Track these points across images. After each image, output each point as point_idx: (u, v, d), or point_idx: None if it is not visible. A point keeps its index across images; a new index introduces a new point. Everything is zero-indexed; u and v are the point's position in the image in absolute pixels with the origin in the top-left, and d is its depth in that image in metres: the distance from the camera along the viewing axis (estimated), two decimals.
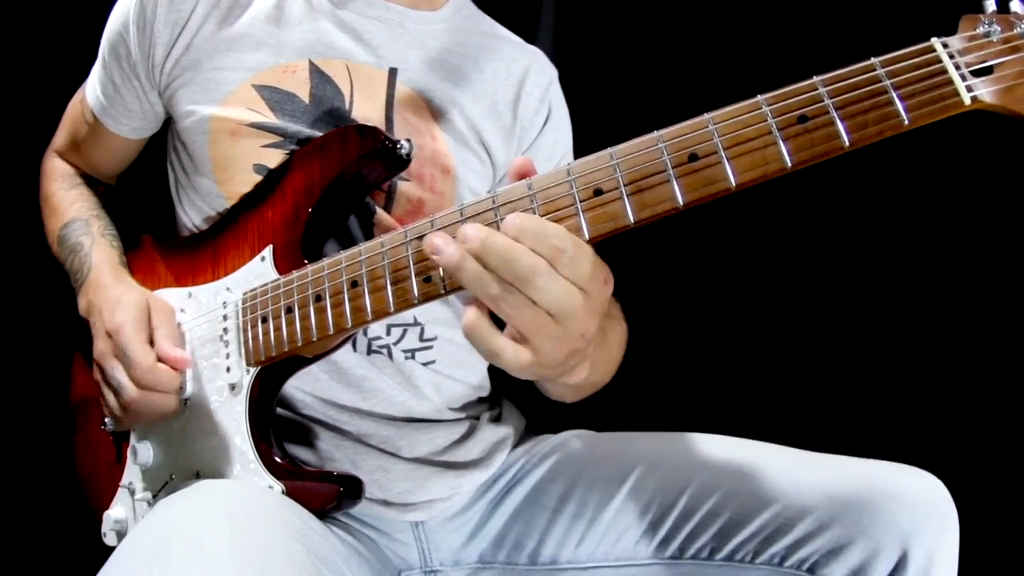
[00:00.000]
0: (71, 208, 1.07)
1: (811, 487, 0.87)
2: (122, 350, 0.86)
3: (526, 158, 0.67)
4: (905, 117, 0.57)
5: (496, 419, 1.10)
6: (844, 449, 0.95)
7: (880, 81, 0.58)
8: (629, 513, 0.95)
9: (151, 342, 0.88)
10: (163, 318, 0.90)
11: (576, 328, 0.62)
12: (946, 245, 1.36)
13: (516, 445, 1.09)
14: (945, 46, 0.58)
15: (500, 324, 0.64)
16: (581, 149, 0.62)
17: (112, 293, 0.93)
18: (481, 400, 1.10)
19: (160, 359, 0.86)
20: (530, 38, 1.19)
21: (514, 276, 0.60)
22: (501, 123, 1.07)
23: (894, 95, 0.57)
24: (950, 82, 0.57)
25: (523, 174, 0.66)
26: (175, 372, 0.87)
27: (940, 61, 0.57)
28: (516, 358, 0.63)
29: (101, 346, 0.90)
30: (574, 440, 1.07)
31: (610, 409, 1.17)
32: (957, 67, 0.57)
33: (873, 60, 0.59)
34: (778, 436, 1.00)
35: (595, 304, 0.63)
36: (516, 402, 1.16)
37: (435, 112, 1.02)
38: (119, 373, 0.86)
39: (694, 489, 0.92)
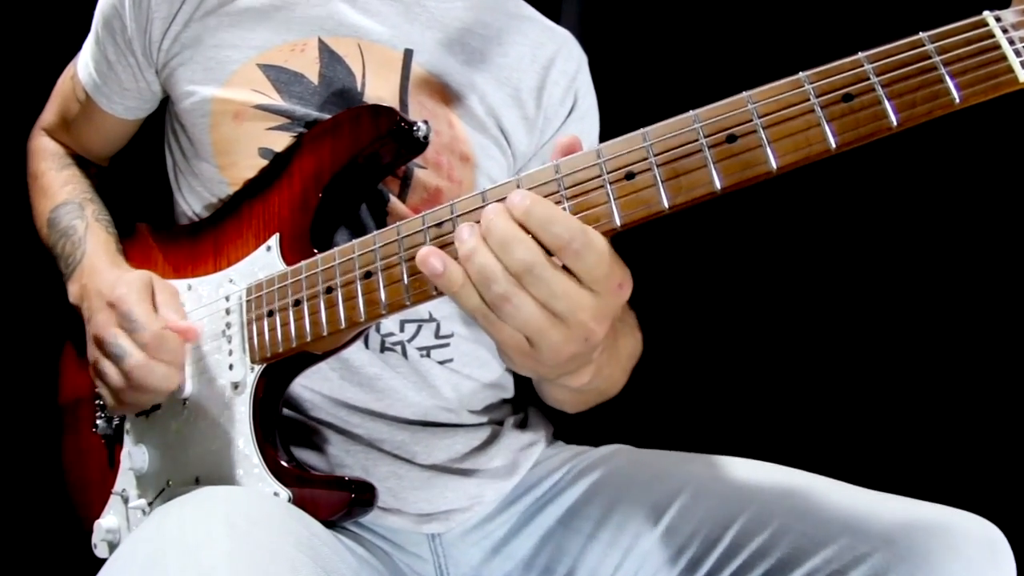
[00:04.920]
0: (63, 190, 1.10)
1: (866, 530, 0.87)
2: (125, 315, 0.87)
3: (574, 136, 0.69)
4: (956, 95, 0.59)
5: (521, 425, 1.12)
6: (891, 478, 0.97)
7: (929, 57, 0.60)
8: (671, 544, 0.95)
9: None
10: (168, 294, 0.93)
11: (579, 331, 0.65)
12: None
13: (547, 455, 1.10)
14: (998, 20, 0.59)
15: None
16: (612, 132, 0.65)
17: (110, 276, 0.95)
18: (504, 403, 1.12)
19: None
20: (554, 14, 1.21)
21: (511, 265, 0.63)
22: (524, 112, 1.09)
23: (944, 72, 0.59)
24: (1003, 58, 0.59)
25: (569, 151, 0.68)
26: (182, 342, 0.89)
27: (993, 36, 0.59)
28: (517, 345, 0.66)
29: (101, 318, 0.90)
30: (615, 457, 1.07)
31: (640, 418, 1.19)
32: (1011, 42, 0.59)
33: (922, 35, 0.61)
34: (813, 456, 1.02)
35: (605, 306, 0.65)
36: (543, 407, 1.16)
37: (453, 97, 1.04)
38: (122, 339, 0.86)
39: (743, 523, 0.92)
